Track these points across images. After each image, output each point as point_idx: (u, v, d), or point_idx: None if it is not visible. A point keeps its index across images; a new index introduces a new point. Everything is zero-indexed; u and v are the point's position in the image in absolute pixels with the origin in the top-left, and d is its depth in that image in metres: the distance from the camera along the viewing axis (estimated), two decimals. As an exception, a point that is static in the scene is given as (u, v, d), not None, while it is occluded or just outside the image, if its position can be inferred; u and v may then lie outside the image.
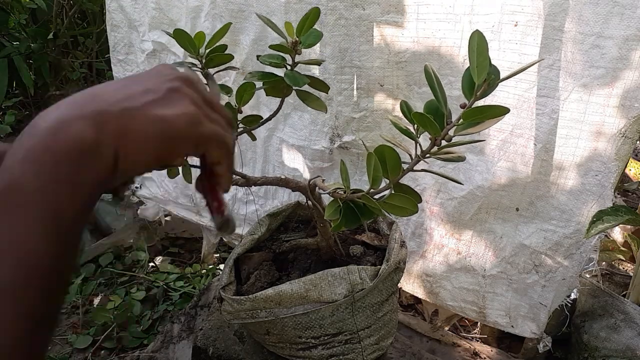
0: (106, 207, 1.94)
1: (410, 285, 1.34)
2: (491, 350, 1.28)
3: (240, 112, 0.77)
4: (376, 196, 0.62)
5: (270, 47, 0.66)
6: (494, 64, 0.50)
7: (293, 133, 1.31)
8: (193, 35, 0.71)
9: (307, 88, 0.70)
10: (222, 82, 1.17)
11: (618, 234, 1.52)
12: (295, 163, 1.36)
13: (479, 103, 0.51)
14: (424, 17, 1.04)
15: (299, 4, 1.14)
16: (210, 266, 1.83)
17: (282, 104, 0.75)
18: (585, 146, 0.99)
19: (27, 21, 2.15)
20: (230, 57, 0.74)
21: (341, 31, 1.12)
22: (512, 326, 1.23)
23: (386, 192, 0.62)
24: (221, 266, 1.80)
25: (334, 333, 0.78)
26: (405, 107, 0.60)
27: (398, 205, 0.60)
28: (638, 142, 1.02)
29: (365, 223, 0.88)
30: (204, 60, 0.73)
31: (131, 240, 1.94)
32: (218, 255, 1.88)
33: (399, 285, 0.96)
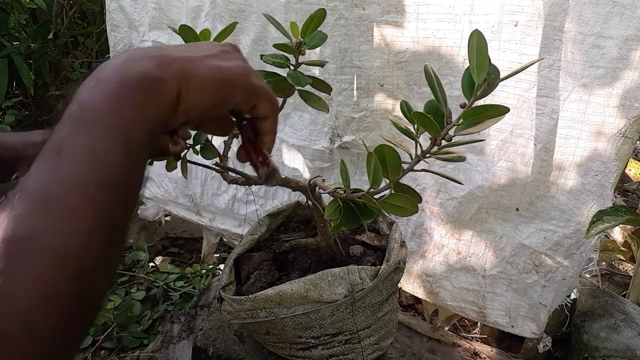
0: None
1: (410, 285, 1.34)
2: (491, 350, 1.28)
3: None
4: (376, 196, 0.62)
5: (275, 47, 0.66)
6: (494, 64, 0.50)
7: (293, 133, 1.31)
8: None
9: (309, 88, 0.70)
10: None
11: (618, 234, 1.52)
12: (295, 163, 1.36)
13: (479, 103, 0.52)
14: (424, 17, 1.04)
15: (299, 4, 1.14)
16: (210, 266, 1.83)
17: (284, 103, 0.75)
18: (585, 146, 0.99)
19: (27, 21, 2.15)
20: None
21: (341, 31, 1.12)
22: (512, 326, 1.23)
23: (386, 192, 0.62)
24: (221, 266, 1.80)
25: (334, 333, 0.78)
26: (405, 107, 0.60)
27: (398, 205, 0.60)
28: (638, 142, 1.02)
29: (365, 223, 0.88)
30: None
31: (131, 240, 1.94)
32: (218, 255, 1.88)
33: (399, 285, 0.96)
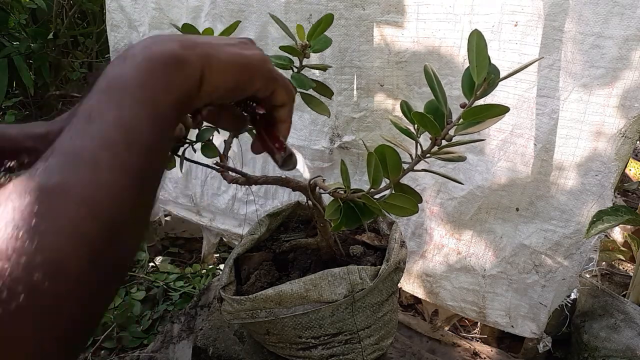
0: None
1: (410, 285, 1.34)
2: (491, 350, 1.28)
3: None
4: (376, 196, 0.62)
5: (281, 48, 0.66)
6: (494, 64, 0.50)
7: (293, 133, 1.31)
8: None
9: (311, 91, 0.71)
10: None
11: (618, 234, 1.52)
12: (295, 163, 1.36)
13: (479, 103, 0.52)
14: (424, 17, 1.04)
15: (299, 4, 1.14)
16: (210, 266, 1.83)
17: None
18: (585, 146, 0.99)
19: (27, 21, 2.15)
20: None
21: (341, 31, 1.12)
22: (512, 326, 1.23)
23: (386, 192, 0.62)
24: (221, 266, 1.80)
25: (334, 333, 0.78)
26: (405, 107, 0.60)
27: (398, 205, 0.60)
28: (638, 142, 1.02)
29: (365, 223, 0.88)
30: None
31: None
32: (218, 255, 1.88)
33: (399, 285, 0.96)
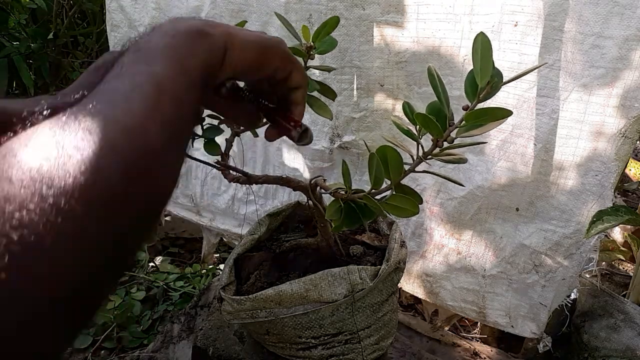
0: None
1: (410, 285, 1.34)
2: (491, 350, 1.28)
3: None
4: (377, 197, 0.62)
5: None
6: (495, 64, 0.50)
7: (293, 133, 1.31)
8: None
9: (314, 93, 0.71)
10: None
11: (618, 234, 1.53)
12: (296, 163, 1.36)
13: (480, 105, 0.52)
14: (424, 17, 1.04)
15: (299, 4, 1.14)
16: (210, 266, 1.82)
17: None
18: (585, 146, 0.99)
19: (27, 21, 2.15)
20: None
21: (341, 31, 1.12)
22: (512, 326, 1.23)
23: (387, 193, 0.62)
24: (221, 266, 1.80)
25: (334, 333, 0.78)
26: (407, 108, 0.60)
27: (399, 206, 0.60)
28: (638, 142, 1.02)
29: (365, 223, 0.88)
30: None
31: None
32: (218, 255, 1.88)
33: (399, 285, 0.96)
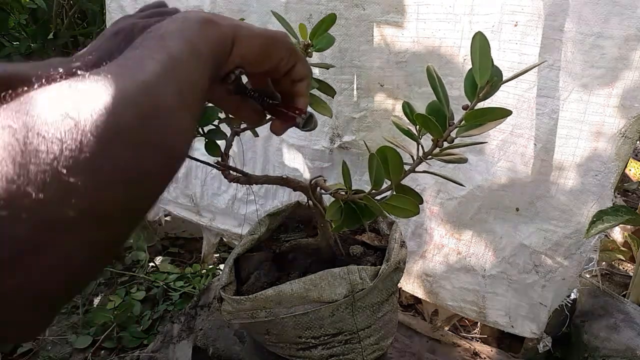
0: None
1: (410, 285, 1.34)
2: (491, 350, 1.28)
3: None
4: (378, 197, 0.62)
5: None
6: (495, 64, 0.50)
7: (293, 133, 1.31)
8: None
9: (314, 91, 0.71)
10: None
11: (618, 234, 1.53)
12: (296, 163, 1.36)
13: (480, 104, 0.51)
14: (424, 17, 1.04)
15: (299, 4, 1.14)
16: (210, 266, 1.83)
17: None
18: (585, 146, 0.99)
19: (27, 21, 2.15)
20: None
21: (341, 31, 1.12)
22: (512, 326, 1.23)
23: (387, 193, 0.62)
24: (221, 266, 1.80)
25: (334, 333, 0.78)
26: (407, 108, 0.60)
27: (399, 207, 0.60)
28: (638, 142, 1.02)
29: (365, 223, 0.88)
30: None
31: (131, 240, 1.94)
32: (218, 255, 1.88)
33: (399, 285, 0.96)
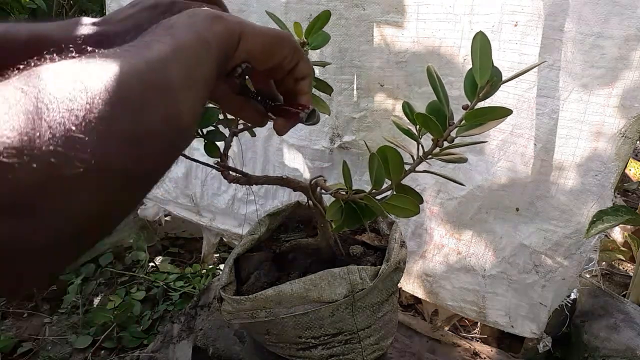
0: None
1: (410, 285, 1.34)
2: (491, 350, 1.28)
3: None
4: (378, 197, 0.62)
5: None
6: (495, 64, 0.50)
7: (293, 133, 1.31)
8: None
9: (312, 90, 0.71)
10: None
11: (618, 234, 1.53)
12: (296, 163, 1.36)
13: (481, 104, 0.51)
14: (424, 17, 1.04)
15: (299, 4, 1.14)
16: (210, 266, 1.83)
17: None
18: (585, 146, 0.99)
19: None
20: None
21: (341, 31, 1.12)
22: (512, 326, 1.23)
23: (388, 193, 0.62)
24: (221, 266, 1.80)
25: (334, 333, 0.78)
26: (407, 108, 0.60)
27: (400, 206, 0.60)
28: (638, 142, 1.02)
29: (366, 223, 0.88)
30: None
31: (131, 240, 1.94)
32: (218, 255, 1.88)
33: (399, 285, 0.96)
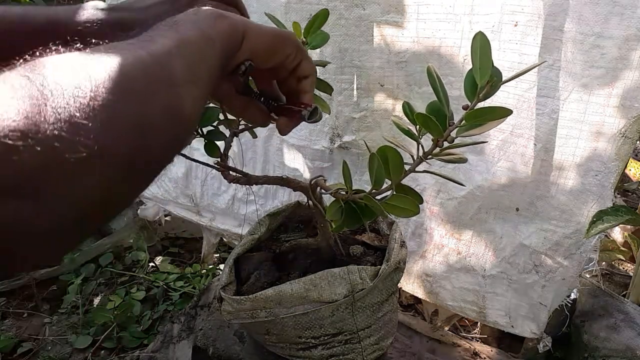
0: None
1: (410, 285, 1.34)
2: (491, 350, 1.28)
3: None
4: (378, 197, 0.62)
5: None
6: (495, 64, 0.50)
7: (293, 133, 1.30)
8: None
9: None
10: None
11: (618, 234, 1.53)
12: (296, 163, 1.36)
13: (481, 105, 0.51)
14: (424, 17, 1.04)
15: (299, 4, 1.14)
16: (210, 266, 1.83)
17: None
18: (585, 146, 0.99)
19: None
20: None
21: (341, 31, 1.12)
22: (512, 326, 1.23)
23: (388, 193, 0.62)
24: (221, 266, 1.80)
25: (334, 333, 0.78)
26: (407, 108, 0.60)
27: (400, 206, 0.60)
28: (638, 142, 1.02)
29: (366, 223, 0.88)
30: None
31: (131, 240, 1.94)
32: (218, 255, 1.88)
33: (399, 285, 0.96)
